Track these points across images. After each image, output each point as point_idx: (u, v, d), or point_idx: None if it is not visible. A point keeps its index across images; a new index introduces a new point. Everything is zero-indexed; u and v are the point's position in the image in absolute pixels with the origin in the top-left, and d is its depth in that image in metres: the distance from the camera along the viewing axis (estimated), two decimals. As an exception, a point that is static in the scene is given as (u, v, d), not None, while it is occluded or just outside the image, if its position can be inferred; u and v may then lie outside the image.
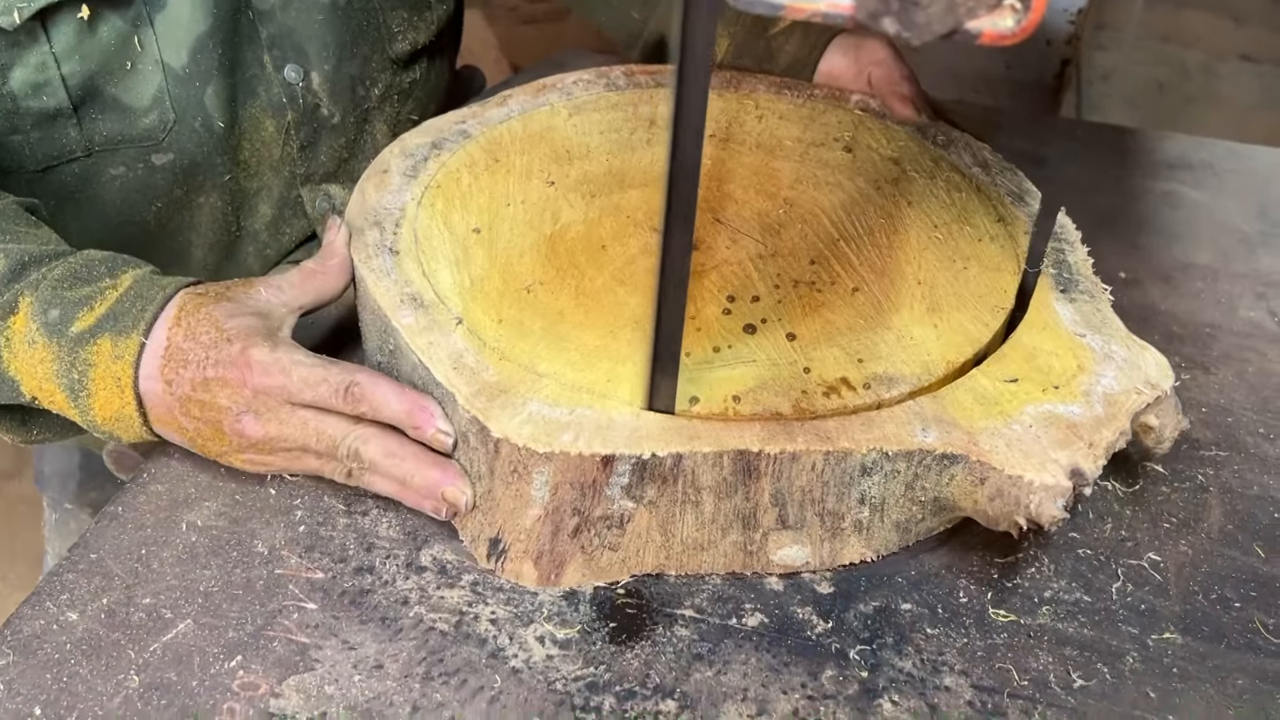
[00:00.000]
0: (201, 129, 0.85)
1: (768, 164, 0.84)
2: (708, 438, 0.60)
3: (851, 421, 0.62)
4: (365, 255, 0.70)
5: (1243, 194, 1.07)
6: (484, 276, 0.70)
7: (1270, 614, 0.65)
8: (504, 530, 0.63)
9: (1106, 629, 0.63)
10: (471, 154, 0.80)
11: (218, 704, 0.56)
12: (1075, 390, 0.66)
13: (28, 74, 0.77)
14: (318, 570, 0.63)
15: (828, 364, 0.66)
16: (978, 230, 0.79)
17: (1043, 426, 0.63)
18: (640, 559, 0.64)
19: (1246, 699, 0.60)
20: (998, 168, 0.86)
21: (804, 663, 0.60)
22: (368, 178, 0.77)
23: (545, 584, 0.63)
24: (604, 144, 0.83)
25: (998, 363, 0.67)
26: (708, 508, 0.62)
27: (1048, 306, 0.72)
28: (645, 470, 0.60)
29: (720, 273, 0.73)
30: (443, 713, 0.56)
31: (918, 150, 0.87)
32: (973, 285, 0.73)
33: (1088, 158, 1.12)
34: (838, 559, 0.66)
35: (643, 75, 0.92)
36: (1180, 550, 0.69)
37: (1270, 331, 0.89)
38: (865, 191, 0.82)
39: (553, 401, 0.62)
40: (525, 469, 0.60)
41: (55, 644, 0.58)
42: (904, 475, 0.63)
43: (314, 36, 0.88)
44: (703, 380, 0.64)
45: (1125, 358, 0.68)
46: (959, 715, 0.58)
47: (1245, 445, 0.77)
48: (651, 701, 0.58)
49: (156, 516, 0.65)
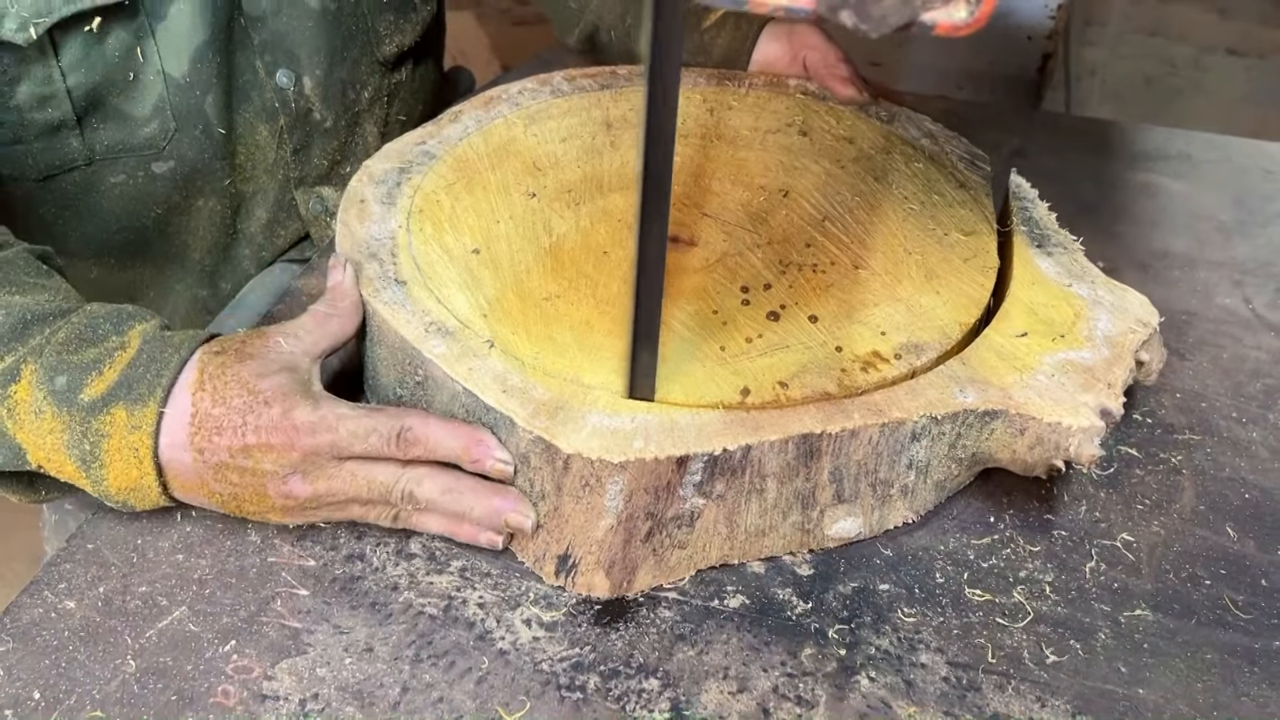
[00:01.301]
0: (202, 136, 0.86)
1: (733, 155, 0.86)
2: (771, 426, 0.62)
3: (896, 392, 0.65)
4: (373, 289, 0.69)
5: (1219, 184, 1.09)
6: (499, 297, 0.69)
7: (1239, 591, 0.67)
8: (573, 545, 0.62)
9: (1079, 607, 0.65)
10: (442, 175, 0.80)
11: (212, 687, 0.57)
12: (1079, 336, 0.71)
13: (34, 88, 0.79)
14: (309, 558, 0.65)
15: (855, 340, 0.69)
16: (945, 197, 0.83)
17: (1063, 374, 0.68)
18: (706, 553, 0.65)
19: (1215, 672, 0.62)
20: (943, 136, 0.91)
21: (784, 642, 0.62)
22: (346, 209, 0.75)
23: (616, 592, 0.63)
24: (569, 151, 0.84)
25: (1004, 320, 0.72)
26: (770, 494, 0.64)
27: (1030, 262, 0.77)
28: (716, 466, 0.61)
29: (726, 265, 0.74)
30: (431, 693, 0.58)
31: (866, 128, 0.91)
32: (958, 250, 0.77)
33: (1067, 150, 1.13)
34: (885, 524, 0.69)
35: (584, 79, 0.93)
36: (1153, 531, 0.70)
37: (1245, 318, 0.90)
38: (832, 172, 0.85)
39: (611, 411, 0.62)
40: (599, 481, 0.60)
41: (54, 631, 0.59)
42: (948, 436, 0.66)
43: (305, 42, 0.90)
44: (746, 371, 0.66)
45: (1113, 301, 0.74)
46: (934, 691, 0.60)
47: (1219, 429, 0.79)
48: (635, 680, 0.59)
49: (152, 507, 0.67)
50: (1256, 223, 1.03)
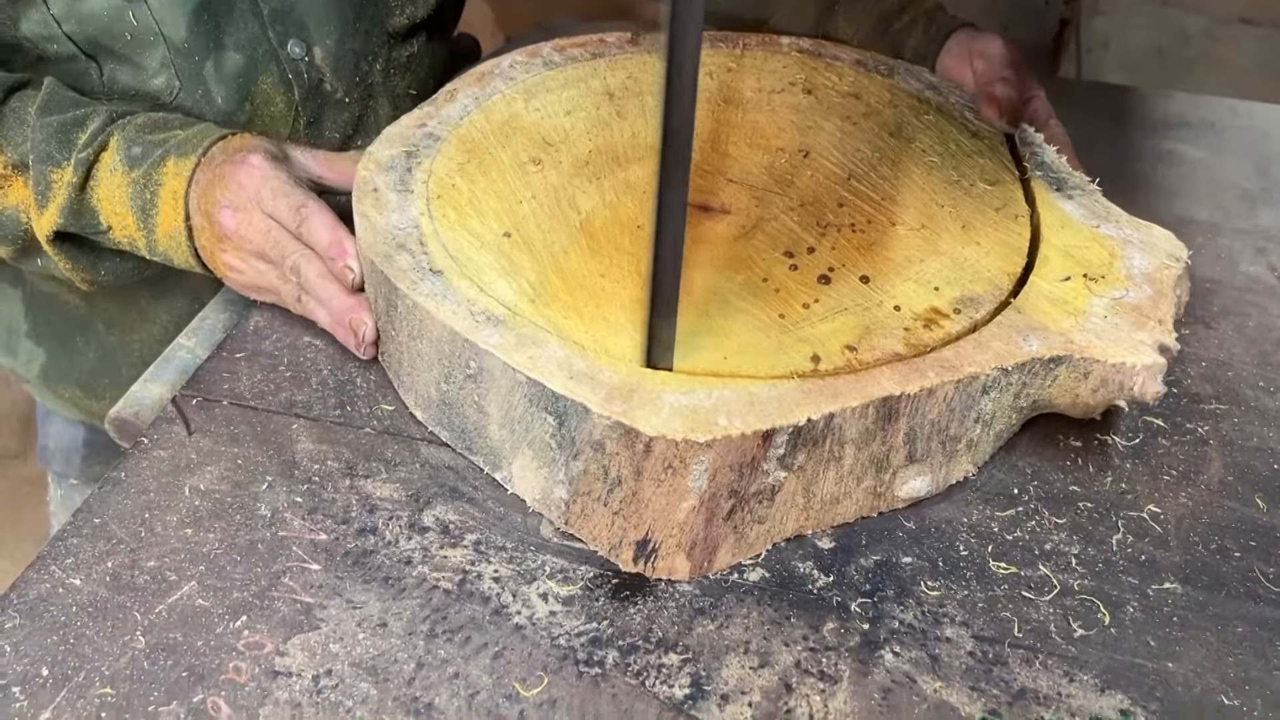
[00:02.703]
0: (202, 100, 0.86)
1: (743, 118, 0.84)
2: (850, 392, 0.61)
3: (964, 347, 0.65)
4: (409, 281, 0.66)
5: (1242, 151, 1.07)
6: (542, 280, 0.67)
7: (1270, 563, 0.65)
8: (653, 529, 0.61)
9: (1107, 579, 0.64)
10: (451, 157, 0.77)
11: (224, 663, 0.56)
12: (1119, 276, 0.71)
13: (33, 28, 0.80)
14: (321, 532, 0.63)
15: (911, 298, 0.68)
16: (961, 147, 0.82)
17: (1115, 315, 0.68)
18: (782, 526, 0.64)
19: (1246, 646, 0.61)
20: (944, 87, 0.90)
21: (805, 616, 0.61)
22: (360, 199, 0.72)
23: (697, 573, 0.62)
24: (576, 125, 0.82)
25: (1045, 266, 0.72)
26: (848, 461, 0.63)
27: (1054, 206, 0.77)
28: (800, 437, 0.60)
29: (764, 231, 0.73)
30: (447, 669, 0.57)
31: (869, 83, 0.90)
32: (987, 199, 0.77)
33: (1086, 116, 1.11)
34: (949, 480, 0.68)
35: (574, 49, 0.90)
36: (1180, 502, 0.69)
37: (1269, 286, 0.89)
38: (846, 129, 0.83)
39: (686, 390, 0.60)
40: (683, 462, 0.58)
41: (61, 606, 0.58)
42: (1014, 387, 0.66)
43: (314, 11, 0.88)
44: (811, 337, 0.65)
45: (1141, 239, 0.74)
46: (960, 665, 0.58)
47: (1245, 398, 0.77)
48: (655, 655, 0.58)
49: (159, 481, 0.65)
50: (1279, 189, 1.01)
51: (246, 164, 0.73)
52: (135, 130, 0.77)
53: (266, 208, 0.72)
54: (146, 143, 0.76)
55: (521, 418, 0.62)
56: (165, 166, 0.75)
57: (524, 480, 0.65)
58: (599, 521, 0.62)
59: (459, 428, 0.67)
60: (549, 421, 0.61)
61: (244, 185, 0.72)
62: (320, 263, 0.71)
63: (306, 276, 0.71)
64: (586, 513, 0.62)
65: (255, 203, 0.72)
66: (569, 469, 0.61)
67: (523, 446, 0.63)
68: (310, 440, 0.68)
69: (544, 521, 0.65)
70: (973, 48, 0.93)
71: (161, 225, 0.75)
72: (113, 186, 0.75)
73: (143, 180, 0.75)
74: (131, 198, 0.75)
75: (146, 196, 0.75)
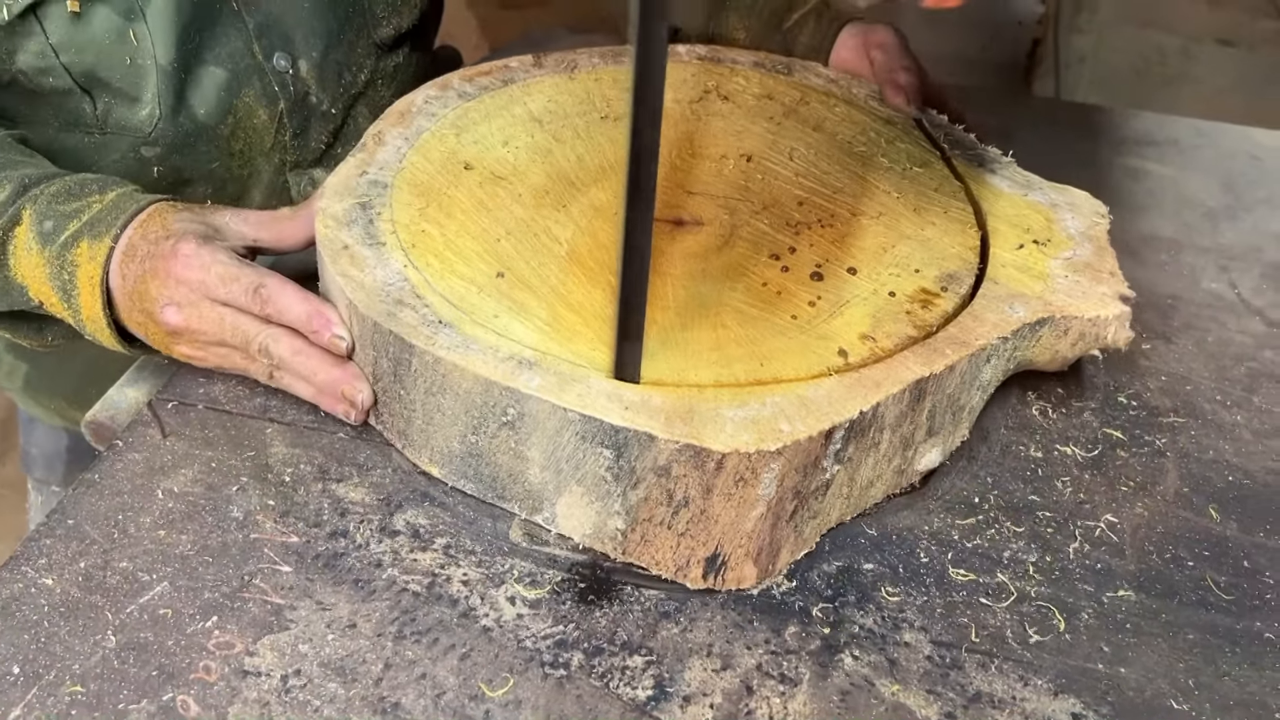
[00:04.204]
0: (186, 121, 0.86)
1: (676, 130, 0.85)
2: (888, 380, 0.63)
3: (964, 321, 0.69)
4: (425, 337, 0.64)
5: (1207, 170, 1.09)
6: (554, 316, 0.67)
7: (1222, 572, 0.67)
8: (723, 543, 0.61)
9: (1063, 587, 0.65)
10: (409, 203, 0.74)
11: (194, 662, 0.57)
12: (1061, 238, 0.77)
13: (30, 59, 0.79)
14: (293, 535, 0.64)
15: (900, 283, 0.72)
16: (881, 135, 0.87)
17: (1074, 273, 0.74)
18: (828, 517, 0.66)
19: (1197, 652, 0.62)
20: (843, 80, 0.94)
21: (768, 620, 0.62)
22: (335, 259, 0.69)
23: (763, 579, 0.63)
24: (519, 155, 0.80)
25: (997, 237, 0.77)
26: (884, 445, 0.65)
27: (983, 180, 0.83)
28: (853, 429, 0.62)
29: (742, 238, 0.75)
30: (414, 669, 0.58)
31: (774, 83, 0.93)
32: (924, 181, 0.82)
33: (1056, 134, 1.13)
34: (952, 446, 0.72)
35: (482, 78, 0.89)
36: (1136, 512, 0.71)
37: (1230, 302, 0.91)
38: (773, 130, 0.86)
39: (739, 403, 0.61)
40: (754, 472, 0.59)
41: (33, 606, 0.59)
42: (1008, 351, 0.71)
43: (300, 24, 0.89)
44: (829, 333, 0.67)
45: (1067, 201, 0.81)
46: (918, 669, 0.60)
47: (1203, 412, 0.79)
48: (619, 657, 0.59)
49: (133, 483, 0.66)
50: (1243, 208, 1.04)
51: (179, 256, 0.68)
52: (47, 202, 0.72)
53: (218, 296, 0.68)
54: (58, 216, 0.71)
55: (571, 456, 0.62)
56: (79, 249, 0.70)
57: (571, 518, 0.64)
58: (662, 545, 0.62)
59: (488, 477, 0.66)
60: (604, 455, 0.60)
61: (183, 279, 0.68)
62: (292, 339, 0.68)
63: (280, 355, 0.68)
64: (648, 539, 0.62)
65: (201, 294, 0.68)
66: (626, 499, 0.61)
67: (570, 484, 0.63)
68: (283, 444, 0.69)
69: (513, 526, 0.66)
70: (868, 39, 0.97)
71: (85, 309, 0.71)
72: (31, 265, 0.71)
73: (58, 261, 0.70)
74: (51, 277, 0.71)
75: (65, 278, 0.71)
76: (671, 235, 0.74)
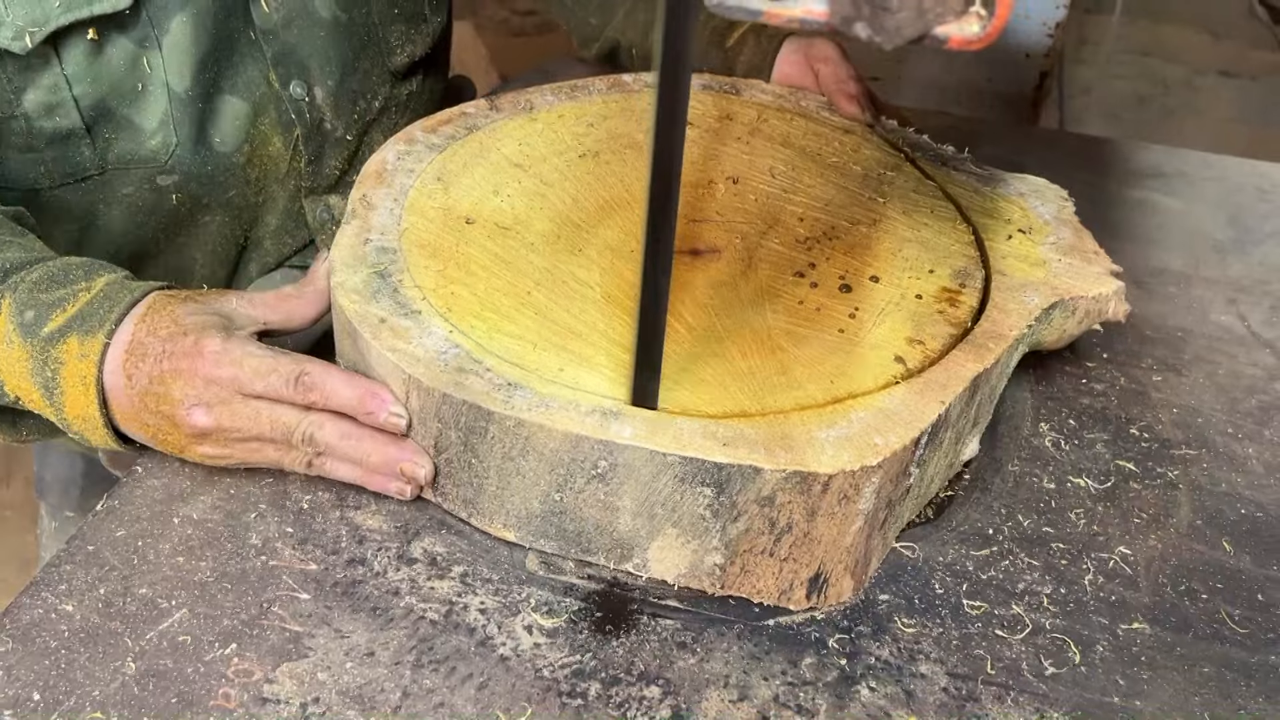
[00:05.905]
0: (204, 150, 0.86)
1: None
2: (950, 381, 0.65)
3: (992, 315, 0.71)
4: (502, 401, 0.62)
5: (1215, 202, 1.10)
6: (615, 361, 0.66)
7: (1236, 605, 0.67)
8: (825, 562, 0.62)
9: (1078, 619, 0.65)
10: (425, 266, 0.72)
11: (213, 689, 0.57)
12: (1039, 224, 0.80)
13: (40, 96, 0.78)
14: (311, 562, 0.64)
15: (921, 284, 0.74)
16: (844, 144, 0.89)
17: (1068, 256, 0.78)
18: (903, 519, 0.68)
19: (1212, 686, 0.62)
20: (790, 94, 0.96)
21: (784, 651, 0.62)
22: (377, 335, 0.65)
23: (858, 590, 0.65)
24: (515, 203, 0.79)
25: (986, 231, 0.79)
26: (945, 443, 0.67)
27: (952, 179, 0.86)
28: (933, 433, 0.64)
29: (762, 260, 0.76)
30: (432, 698, 0.58)
31: (728, 104, 0.94)
32: (900, 184, 0.85)
33: (1064, 165, 1.14)
34: (981, 431, 0.75)
35: (445, 127, 0.86)
36: (1150, 544, 0.71)
37: (1240, 335, 0.91)
38: (745, 150, 0.88)
39: (826, 423, 0.62)
40: (856, 489, 0.60)
41: (54, 632, 0.59)
42: (1030, 335, 0.74)
43: (316, 53, 0.90)
44: (879, 343, 0.69)
45: (1030, 189, 0.86)
46: (934, 701, 0.60)
47: (1215, 444, 0.79)
48: (636, 688, 0.59)
49: (152, 510, 0.67)
50: (1251, 241, 1.04)
51: (205, 354, 0.64)
52: (28, 290, 0.67)
53: (253, 390, 0.64)
54: (40, 305, 0.66)
55: (667, 499, 0.61)
56: (67, 345, 0.65)
57: (664, 561, 0.64)
58: (764, 573, 0.63)
59: (573, 533, 0.64)
60: (705, 494, 0.60)
61: (214, 378, 0.63)
62: (337, 423, 0.65)
63: (327, 441, 0.65)
64: (748, 569, 0.63)
65: (233, 390, 0.64)
66: (725, 534, 0.62)
67: (665, 528, 0.62)
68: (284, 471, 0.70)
69: (529, 555, 0.66)
70: (810, 54, 0.98)
71: (70, 408, 0.66)
72: (10, 360, 0.66)
73: (40, 356, 0.65)
74: (32, 372, 0.66)
75: (48, 374, 0.65)
76: (693, 266, 0.75)
